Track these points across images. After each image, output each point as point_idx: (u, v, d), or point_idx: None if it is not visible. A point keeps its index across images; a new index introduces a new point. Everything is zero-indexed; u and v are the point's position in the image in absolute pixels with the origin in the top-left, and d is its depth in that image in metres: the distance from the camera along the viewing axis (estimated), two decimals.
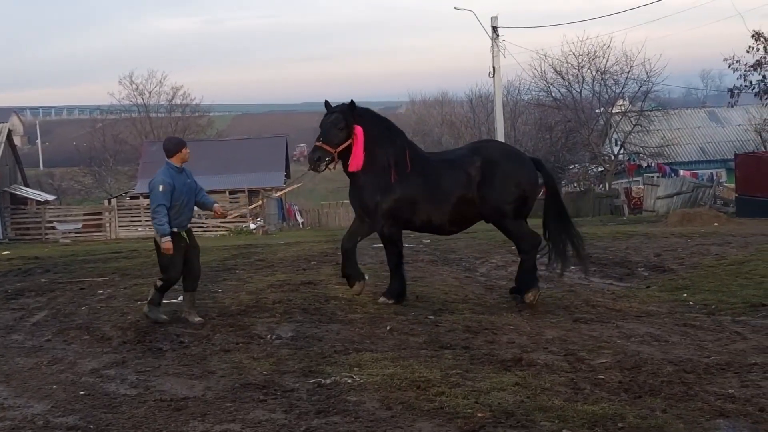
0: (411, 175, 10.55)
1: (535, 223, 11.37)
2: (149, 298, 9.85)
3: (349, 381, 6.78)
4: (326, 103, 10.57)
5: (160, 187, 9.44)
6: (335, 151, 10.21)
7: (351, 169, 10.37)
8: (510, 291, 11.34)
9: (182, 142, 10.11)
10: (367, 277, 11.08)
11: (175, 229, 9.58)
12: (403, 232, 11.07)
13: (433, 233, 11.72)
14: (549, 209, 11.33)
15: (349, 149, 10.30)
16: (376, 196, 10.43)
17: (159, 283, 9.79)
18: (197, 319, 9.98)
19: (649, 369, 7.08)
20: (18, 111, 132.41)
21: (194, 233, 10.36)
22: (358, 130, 10.33)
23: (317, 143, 10.25)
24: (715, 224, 24.98)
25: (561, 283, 13.21)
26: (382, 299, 10.68)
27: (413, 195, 10.52)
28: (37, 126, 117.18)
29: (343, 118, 10.30)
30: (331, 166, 10.31)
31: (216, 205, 10.42)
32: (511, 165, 10.69)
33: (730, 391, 6.43)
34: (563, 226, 11.28)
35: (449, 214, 10.67)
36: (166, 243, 9.46)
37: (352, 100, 10.49)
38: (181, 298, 11.38)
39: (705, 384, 6.64)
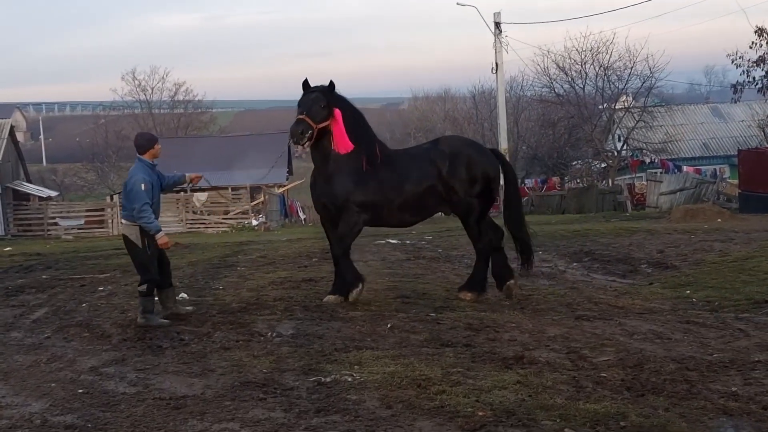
0: (382, 167, 10.51)
1: (536, 220, 11.28)
2: (141, 309, 9.49)
3: (349, 379, 6.72)
4: (305, 82, 10.37)
5: (142, 186, 9.35)
6: (317, 127, 10.05)
7: (341, 150, 10.20)
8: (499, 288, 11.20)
9: (154, 138, 10.01)
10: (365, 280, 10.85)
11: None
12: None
13: (393, 226, 11.68)
14: (510, 200, 11.77)
15: (325, 130, 10.17)
16: (349, 186, 10.30)
17: (143, 288, 9.51)
18: (187, 308, 10.02)
19: (651, 367, 7.02)
20: (21, 107, 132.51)
21: (197, 229, 10.33)
22: (337, 112, 10.22)
23: (300, 116, 10.05)
24: (719, 220, 24.88)
25: (563, 279, 13.18)
26: (329, 298, 10.52)
27: (385, 187, 10.46)
28: (40, 122, 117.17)
29: (324, 98, 10.19)
30: (308, 142, 10.06)
31: (186, 175, 10.31)
32: (476, 155, 10.96)
33: (734, 389, 6.37)
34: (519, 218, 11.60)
35: (415, 205, 10.71)
36: (163, 238, 9.47)
37: (331, 81, 10.34)
38: (182, 295, 11.37)
39: (708, 382, 6.58)
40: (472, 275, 11.16)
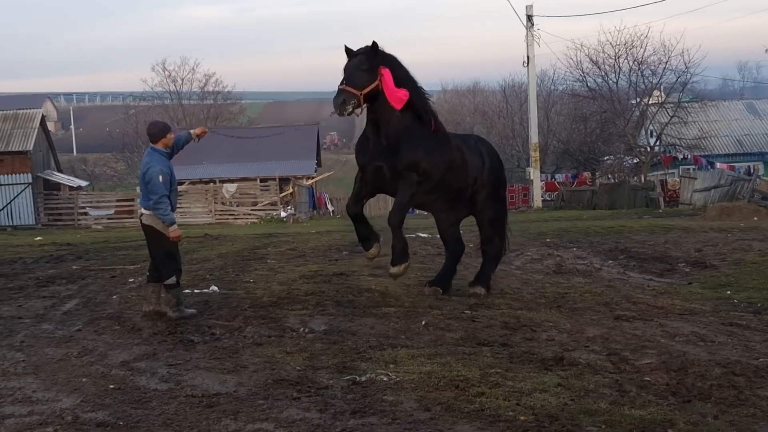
0: (443, 140, 10.34)
1: (567, 215, 11.10)
2: (174, 302, 9.36)
3: (385, 379, 6.56)
4: (346, 48, 10.00)
5: (160, 177, 9.21)
6: (361, 94, 9.62)
7: (397, 105, 9.80)
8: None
9: (167, 126, 9.79)
10: (381, 238, 10.44)
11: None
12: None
13: (423, 207, 11.45)
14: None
15: (375, 92, 9.75)
16: (419, 152, 9.95)
17: (172, 280, 9.36)
18: (173, 314, 9.43)
19: (696, 371, 6.81)
20: (52, 97, 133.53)
21: (226, 220, 10.23)
22: (385, 71, 9.81)
23: (341, 86, 9.67)
24: (755, 218, 24.51)
25: (599, 277, 12.97)
26: (397, 269, 10.19)
27: (445, 161, 10.25)
28: (71, 112, 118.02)
29: (367, 60, 9.77)
30: (357, 111, 9.71)
31: (191, 132, 10.03)
32: (500, 161, 11.41)
33: None
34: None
35: (456, 193, 10.63)
36: (175, 231, 9.35)
37: (374, 41, 9.90)
38: (212, 288, 11.28)
39: (756, 388, 6.37)
40: (482, 272, 11.10)
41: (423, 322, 8.82)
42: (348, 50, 9.97)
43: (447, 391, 6.22)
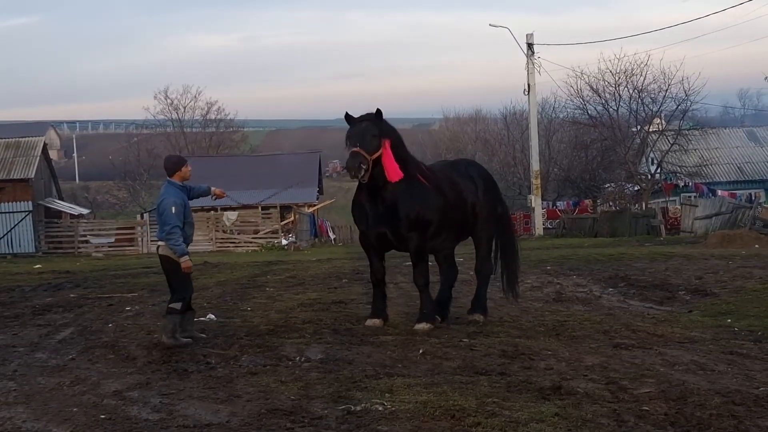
0: (435, 186, 10.41)
1: (568, 243, 11.04)
2: (171, 328, 9.39)
3: (380, 408, 6.47)
4: (347, 115, 10.14)
5: (173, 209, 9.36)
6: (371, 159, 9.75)
7: (393, 179, 9.92)
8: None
9: (182, 160, 10.00)
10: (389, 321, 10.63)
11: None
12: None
13: (435, 250, 11.26)
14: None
15: (378, 160, 9.88)
16: (416, 208, 10.10)
17: (177, 305, 9.44)
18: (201, 335, 9.79)
19: (695, 400, 6.71)
20: (55, 125, 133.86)
21: (226, 248, 10.30)
22: (386, 142, 9.98)
23: (355, 149, 9.73)
24: (756, 246, 24.43)
25: (599, 305, 12.88)
26: (423, 326, 10.19)
27: (443, 205, 10.37)
28: (74, 140, 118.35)
29: (375, 126, 9.93)
30: (366, 176, 9.79)
31: (212, 188, 10.17)
32: (494, 182, 11.58)
33: None
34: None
35: (460, 224, 10.77)
36: (186, 262, 9.43)
37: (378, 109, 10.04)
38: (209, 316, 11.21)
39: (756, 418, 6.26)
40: (478, 296, 11.18)
41: (420, 351, 8.74)
42: (349, 117, 10.14)
43: (442, 421, 6.13)
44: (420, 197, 10.17)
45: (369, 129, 9.91)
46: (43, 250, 42.98)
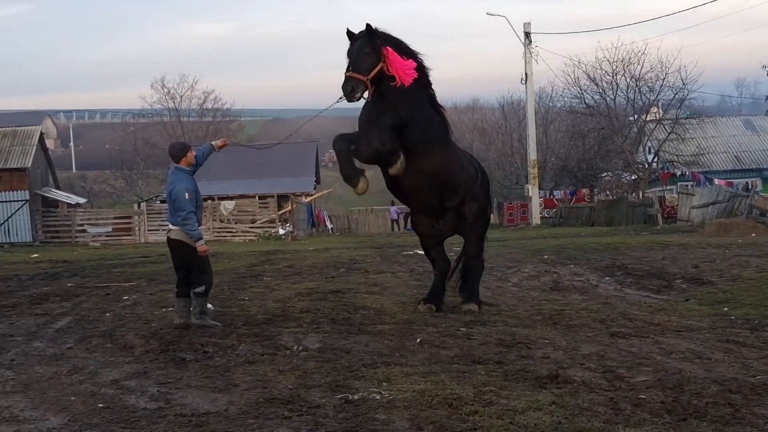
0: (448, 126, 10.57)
1: (565, 232, 11.06)
2: (196, 310, 9.77)
3: (378, 397, 6.48)
4: (348, 31, 10.04)
5: (186, 195, 9.52)
6: (367, 78, 9.70)
7: (407, 80, 9.79)
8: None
9: (186, 146, 10.14)
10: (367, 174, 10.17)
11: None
12: None
13: (410, 201, 11.18)
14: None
15: (380, 74, 9.77)
16: (408, 110, 9.92)
17: (200, 288, 9.74)
18: (177, 321, 9.89)
19: (692, 388, 6.72)
20: (52, 114, 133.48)
21: (224, 237, 10.42)
22: (388, 50, 9.83)
23: (347, 73, 9.73)
24: (753, 235, 24.44)
25: (596, 294, 12.90)
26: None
27: (436, 137, 10.30)
28: (71, 129, 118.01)
29: (368, 42, 9.83)
30: (365, 94, 9.82)
31: (212, 143, 10.38)
32: (488, 181, 11.70)
33: None
34: None
35: (444, 190, 10.56)
36: (202, 246, 9.64)
37: (368, 24, 9.92)
38: (208, 306, 11.20)
39: (753, 406, 6.27)
40: (471, 288, 11.14)
41: (418, 340, 8.75)
42: (350, 33, 10.04)
43: (440, 409, 6.13)
44: (422, 111, 10.07)
45: (361, 47, 9.83)
46: (40, 239, 42.93)
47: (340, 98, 9.84)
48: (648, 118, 52.11)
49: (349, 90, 9.67)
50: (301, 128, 14.37)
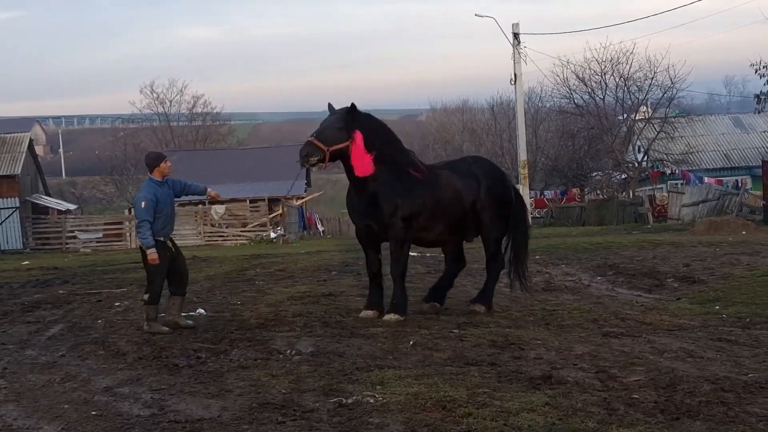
0: (426, 181, 10.41)
1: (556, 231, 11.06)
2: (146, 317, 10.03)
3: (372, 401, 6.49)
4: (329, 106, 10.40)
5: (142, 204, 9.86)
6: (328, 150, 9.87)
7: (358, 173, 10.05)
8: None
9: (160, 156, 10.48)
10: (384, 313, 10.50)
11: (161, 239, 9.95)
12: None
13: (432, 244, 11.58)
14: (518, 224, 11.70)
15: (343, 152, 10.00)
16: (396, 200, 10.15)
17: (146, 297, 10.03)
18: (189, 322, 10.22)
19: (685, 388, 6.75)
20: (41, 120, 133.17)
21: (215, 242, 10.58)
22: (357, 135, 10.02)
23: (309, 138, 10.00)
24: (744, 233, 24.53)
25: (587, 294, 12.93)
26: (391, 317, 10.23)
27: (432, 199, 10.39)
28: (60, 135, 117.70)
29: (343, 120, 10.06)
30: (321, 165, 10.08)
31: (208, 189, 10.69)
32: (504, 179, 11.52)
33: None
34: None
35: (457, 221, 10.76)
36: (152, 254, 9.84)
37: (352, 103, 10.20)
38: (199, 311, 11.20)
39: (745, 404, 6.30)
40: (485, 290, 11.20)
41: (411, 342, 8.76)
42: (330, 107, 10.39)
43: (434, 412, 6.14)
44: (403, 189, 10.19)
45: (334, 121, 10.11)
46: (31, 246, 42.73)
47: (298, 161, 10.15)
48: (637, 117, 52.27)
49: (305, 154, 9.95)
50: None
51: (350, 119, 10.08)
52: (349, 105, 10.23)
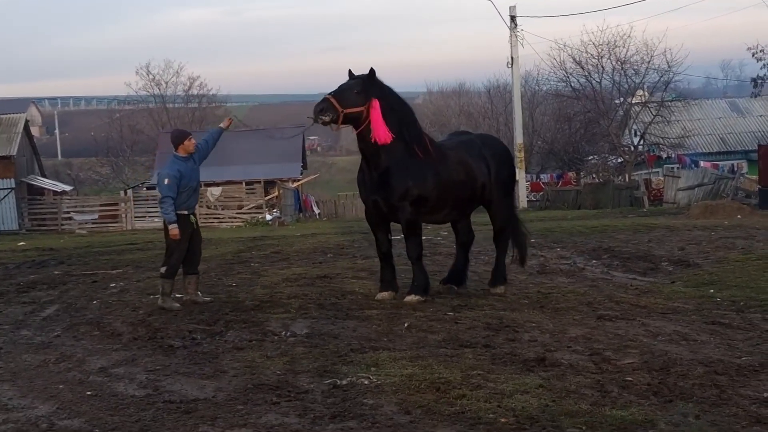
0: (436, 161, 10.36)
1: (551, 215, 11.07)
2: (161, 291, 10.32)
3: (366, 382, 6.51)
4: (349, 72, 10.23)
5: (166, 180, 10.14)
6: (342, 111, 9.76)
7: (380, 141, 9.91)
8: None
9: (185, 133, 10.79)
10: (399, 292, 10.61)
11: (185, 212, 10.31)
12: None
13: (438, 223, 11.75)
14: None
15: (357, 117, 9.89)
16: (408, 181, 10.08)
17: (163, 269, 10.31)
18: (206, 298, 10.58)
19: (678, 370, 6.78)
20: (36, 101, 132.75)
21: (211, 224, 10.75)
22: (376, 102, 9.91)
23: (327, 95, 9.88)
24: (739, 216, 24.53)
25: (582, 277, 12.94)
26: (412, 297, 10.26)
27: (443, 183, 10.34)
28: (56, 116, 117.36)
29: (361, 84, 9.94)
30: (333, 126, 9.92)
31: (221, 125, 11.12)
32: (510, 156, 11.80)
33: (765, 394, 6.11)
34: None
35: (465, 203, 10.83)
36: (174, 229, 10.11)
37: (372, 69, 10.08)
38: (208, 298, 11.17)
39: (738, 387, 6.33)
40: (497, 268, 11.28)
41: (405, 325, 8.77)
42: (351, 73, 10.23)
43: (428, 393, 6.16)
44: (416, 172, 10.11)
45: (353, 85, 9.99)
46: (27, 227, 42.70)
47: (309, 116, 10.05)
48: (633, 101, 52.18)
49: (320, 110, 9.79)
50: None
51: (369, 85, 9.96)
52: (368, 71, 10.08)
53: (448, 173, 10.43)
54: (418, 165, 10.13)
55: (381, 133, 9.91)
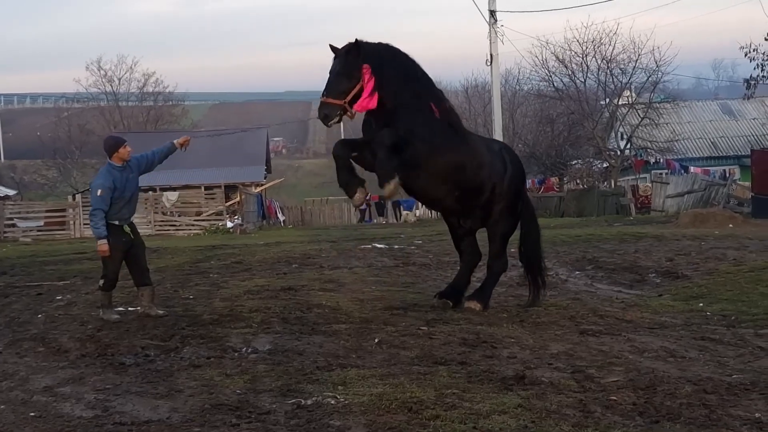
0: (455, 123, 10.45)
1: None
2: (100, 303, 10.59)
3: (333, 402, 6.51)
4: (330, 46, 10.01)
5: (99, 191, 10.16)
6: (344, 102, 9.69)
7: (358, 109, 9.79)
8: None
9: (120, 141, 10.71)
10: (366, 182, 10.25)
11: (116, 222, 10.31)
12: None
13: (435, 206, 11.64)
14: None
15: (361, 92, 9.72)
16: (409, 124, 9.88)
17: (101, 282, 10.50)
18: (160, 312, 10.51)
19: (665, 389, 6.84)
20: None
21: (166, 231, 10.67)
22: (366, 69, 9.72)
23: (322, 98, 9.78)
24: (730, 226, 24.81)
25: (565, 290, 13.04)
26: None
27: (450, 143, 10.25)
28: None
29: (344, 61, 9.80)
30: (349, 117, 9.83)
31: (175, 142, 11.02)
32: (522, 171, 11.57)
33: (757, 415, 6.18)
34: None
35: (470, 193, 10.58)
36: (102, 245, 10.19)
37: (356, 39, 9.88)
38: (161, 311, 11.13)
39: (728, 407, 6.40)
40: (483, 287, 11.15)
41: (376, 340, 8.78)
42: (333, 49, 10.00)
43: (399, 414, 6.17)
44: (420, 120, 9.98)
45: (335, 68, 9.86)
46: None
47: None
48: (620, 102, 52.60)
49: (323, 117, 9.78)
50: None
51: (352, 59, 9.77)
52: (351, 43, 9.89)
53: (461, 145, 10.35)
54: (424, 117, 10.02)
55: (362, 102, 9.74)
